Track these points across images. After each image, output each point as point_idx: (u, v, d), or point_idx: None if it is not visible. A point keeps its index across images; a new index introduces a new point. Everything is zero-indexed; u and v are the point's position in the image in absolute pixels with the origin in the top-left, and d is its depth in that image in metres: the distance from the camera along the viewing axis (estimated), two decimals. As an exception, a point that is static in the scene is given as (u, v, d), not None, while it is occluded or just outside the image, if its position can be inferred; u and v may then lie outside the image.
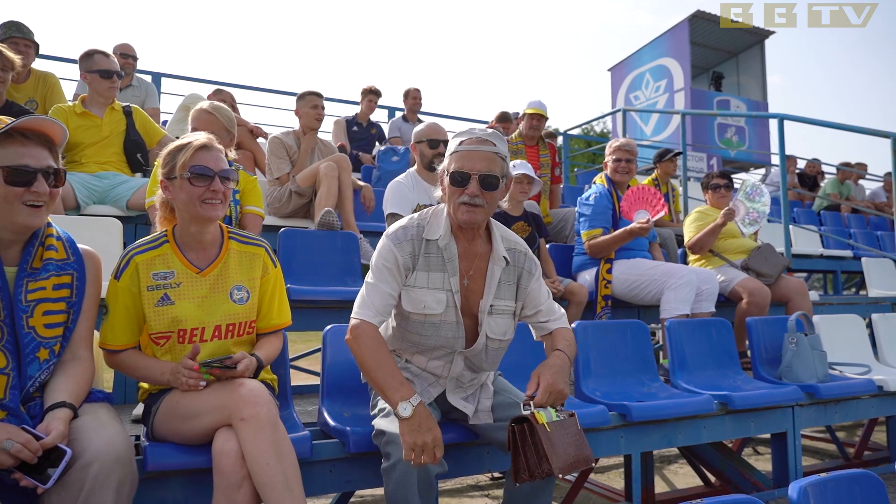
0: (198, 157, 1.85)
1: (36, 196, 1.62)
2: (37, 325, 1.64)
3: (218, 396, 1.67)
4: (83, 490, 1.45)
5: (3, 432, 1.42)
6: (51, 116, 1.85)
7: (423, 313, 1.92)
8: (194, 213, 1.85)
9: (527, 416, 1.73)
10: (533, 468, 1.71)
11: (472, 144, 1.87)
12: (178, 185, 1.84)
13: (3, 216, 1.61)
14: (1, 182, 1.59)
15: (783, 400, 2.90)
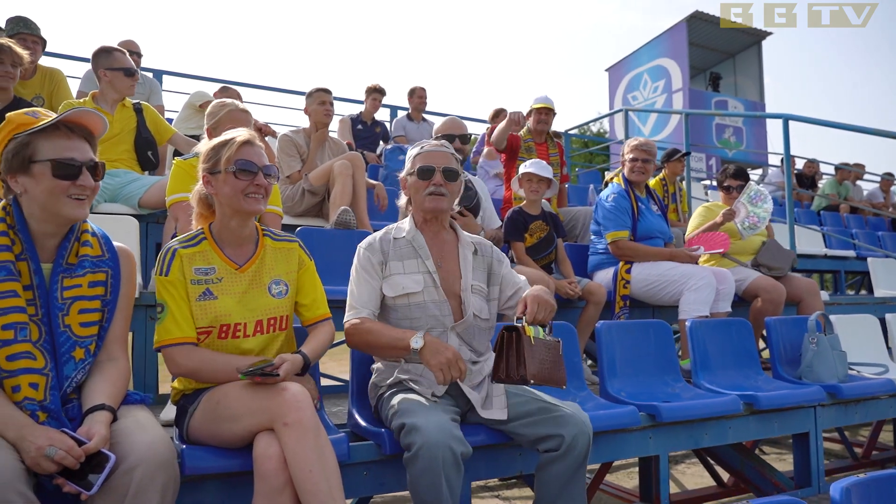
0: (242, 152, 1.85)
1: (81, 189, 1.61)
2: (72, 323, 1.60)
3: (259, 400, 1.63)
4: (127, 495, 1.42)
5: (45, 438, 1.38)
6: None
7: (404, 294, 2.09)
8: (237, 206, 1.84)
9: (517, 327, 1.89)
10: (511, 372, 1.87)
11: (432, 147, 2.22)
12: (223, 179, 1.84)
13: (48, 209, 1.59)
14: (48, 175, 1.57)
15: (806, 400, 2.89)
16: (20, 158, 1.57)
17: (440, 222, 2.23)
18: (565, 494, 1.92)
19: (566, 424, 1.91)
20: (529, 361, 1.84)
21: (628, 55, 13.33)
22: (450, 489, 1.70)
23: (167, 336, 1.78)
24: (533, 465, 2.27)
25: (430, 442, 1.69)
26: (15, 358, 1.50)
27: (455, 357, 1.87)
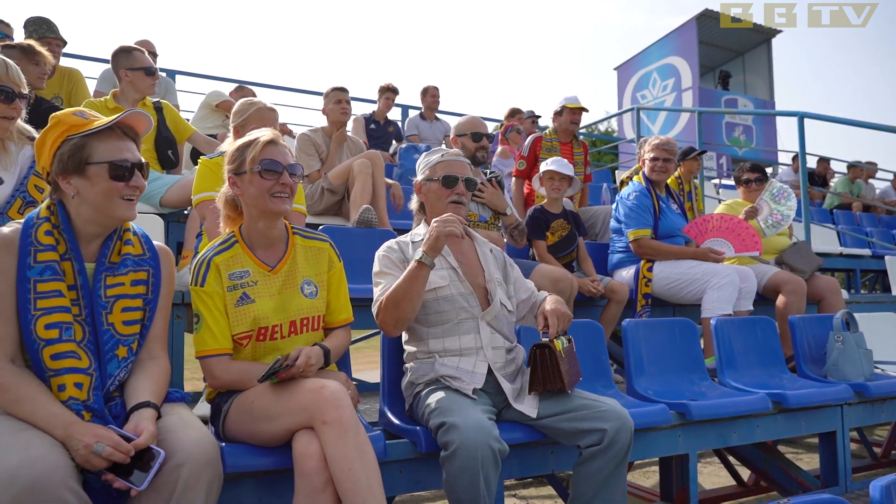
0: (267, 152, 1.84)
1: (133, 190, 1.62)
2: (116, 321, 1.60)
3: (298, 398, 1.63)
4: (175, 492, 1.42)
5: (92, 435, 1.38)
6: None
7: (432, 289, 2.10)
8: (263, 206, 1.84)
9: (547, 343, 2.01)
10: (547, 385, 2.01)
11: (452, 157, 2.31)
12: (248, 179, 1.83)
13: (101, 210, 1.60)
14: (105, 177, 1.58)
15: (834, 398, 2.87)
16: (76, 160, 1.57)
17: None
18: (605, 491, 1.91)
19: (608, 419, 1.91)
20: (564, 374, 1.99)
21: (637, 54, 13.30)
22: (487, 488, 1.70)
23: (203, 347, 1.79)
24: (564, 463, 2.28)
25: (468, 441, 1.69)
26: (59, 357, 1.50)
27: (446, 218, 2.00)
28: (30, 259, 1.53)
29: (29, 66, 3.31)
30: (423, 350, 2.13)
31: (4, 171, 2.18)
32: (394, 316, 2.02)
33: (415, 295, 2.00)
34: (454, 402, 1.88)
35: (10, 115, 2.12)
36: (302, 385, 1.66)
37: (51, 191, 1.65)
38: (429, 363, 2.09)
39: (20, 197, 2.21)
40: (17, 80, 2.13)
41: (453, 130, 3.47)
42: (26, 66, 3.31)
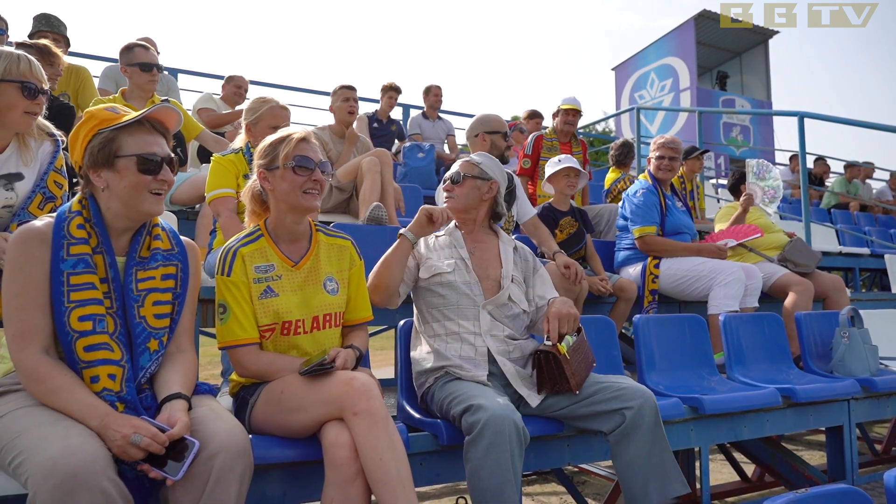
0: (300, 148, 1.87)
1: (161, 184, 1.63)
2: (147, 315, 1.62)
3: (328, 390, 1.65)
4: (209, 482, 1.43)
5: (129, 426, 1.40)
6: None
7: (437, 273, 2.21)
8: (295, 202, 1.85)
9: (548, 349, 2.02)
10: (556, 387, 2.05)
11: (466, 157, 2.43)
12: (280, 175, 1.85)
13: (129, 204, 1.61)
14: (133, 170, 1.59)
15: (841, 393, 2.91)
16: (105, 153, 1.59)
17: (474, 222, 2.38)
18: (653, 471, 1.92)
19: (629, 398, 1.95)
20: (570, 377, 2.02)
21: (635, 54, 13.36)
22: (514, 470, 1.71)
23: (231, 337, 1.80)
24: (581, 456, 2.31)
25: (495, 418, 1.71)
26: (93, 349, 1.51)
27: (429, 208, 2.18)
28: (63, 252, 1.54)
29: (44, 66, 3.31)
30: (429, 333, 2.20)
31: (25, 167, 2.19)
32: (374, 282, 2.19)
33: (393, 263, 2.19)
34: (474, 389, 1.91)
35: (34, 111, 2.13)
36: (332, 377, 1.68)
37: (82, 185, 1.66)
38: (433, 354, 2.12)
39: (40, 192, 2.22)
40: (39, 76, 2.14)
41: (482, 126, 3.44)
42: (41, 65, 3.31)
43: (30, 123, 2.15)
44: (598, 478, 3.93)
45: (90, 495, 1.25)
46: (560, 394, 2.07)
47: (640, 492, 1.94)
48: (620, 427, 1.94)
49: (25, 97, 2.08)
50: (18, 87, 2.05)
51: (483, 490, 1.72)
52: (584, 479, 3.96)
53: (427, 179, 5.56)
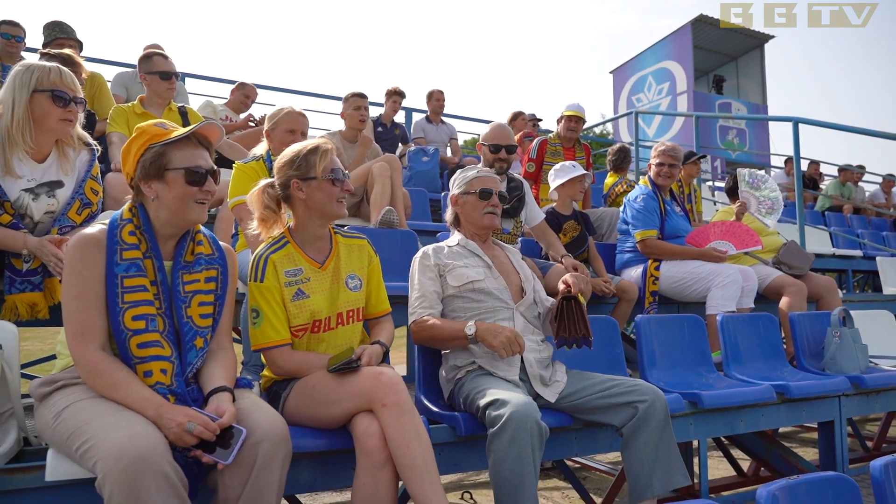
0: (334, 161, 2.01)
1: (206, 195, 1.76)
2: (193, 314, 1.75)
3: (358, 384, 1.78)
4: (255, 467, 1.57)
5: (184, 415, 1.53)
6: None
7: (469, 282, 2.32)
8: (329, 211, 2.00)
9: (573, 295, 2.25)
10: (572, 332, 2.22)
11: (487, 173, 2.55)
12: (317, 185, 1.98)
13: (176, 213, 1.74)
14: (181, 182, 1.72)
15: (833, 390, 3.06)
16: (156, 166, 1.72)
17: (487, 235, 2.54)
18: (659, 465, 2.06)
19: (641, 393, 2.10)
20: (587, 322, 2.24)
21: (633, 57, 13.52)
22: (533, 463, 1.85)
23: (265, 339, 1.94)
24: (588, 447, 2.45)
25: (518, 413, 1.83)
26: (145, 346, 1.64)
27: (513, 334, 2.11)
28: (117, 257, 1.68)
29: None
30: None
31: (65, 176, 2.32)
32: (425, 342, 2.33)
33: (445, 346, 2.30)
34: (500, 385, 2.05)
35: (68, 118, 2.23)
36: (361, 372, 1.82)
37: (132, 195, 1.80)
38: (468, 352, 2.25)
39: (78, 199, 2.35)
40: (71, 85, 2.25)
41: (481, 137, 3.60)
42: None
43: (66, 130, 2.26)
44: (599, 473, 4.08)
45: (154, 477, 1.39)
46: (576, 342, 2.24)
47: (646, 481, 2.08)
48: (633, 420, 2.08)
49: (58, 105, 2.19)
50: (49, 95, 2.17)
51: (504, 480, 1.84)
52: (584, 474, 4.10)
53: (432, 183, 5.70)
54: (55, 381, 1.65)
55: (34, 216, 2.23)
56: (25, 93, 2.12)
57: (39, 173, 2.25)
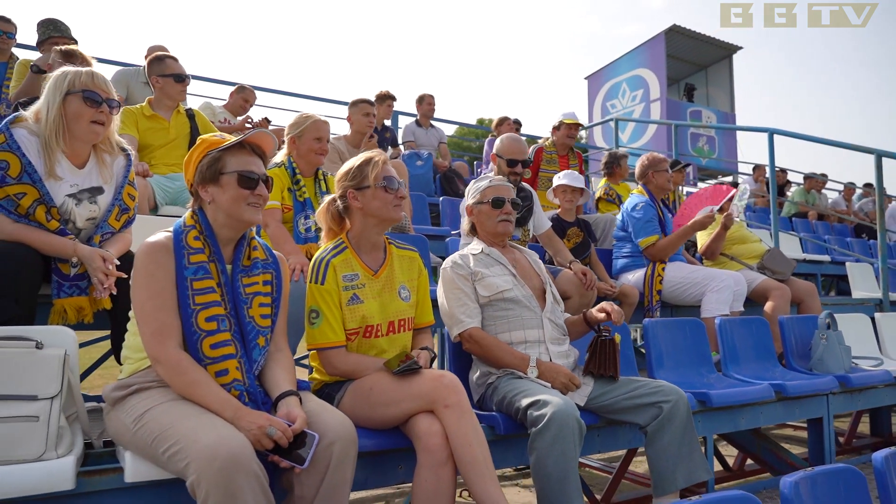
0: (385, 170, 2.10)
1: (258, 198, 1.83)
2: (255, 315, 1.83)
3: (419, 386, 1.88)
4: (329, 467, 1.65)
5: (264, 419, 1.61)
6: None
7: (499, 291, 2.41)
8: (387, 216, 2.11)
9: (611, 337, 2.40)
10: (601, 370, 2.39)
11: (499, 182, 2.66)
12: (371, 193, 2.09)
13: (231, 214, 1.81)
14: (234, 185, 1.79)
15: (822, 388, 3.28)
16: (213, 171, 1.80)
17: (504, 241, 2.65)
18: (682, 462, 2.20)
19: (666, 394, 2.25)
20: (618, 364, 2.40)
21: (608, 64, 13.85)
22: (574, 459, 1.97)
23: (323, 340, 2.02)
24: (609, 444, 2.59)
25: (560, 413, 1.95)
26: (218, 346, 1.71)
27: (567, 376, 2.29)
28: (185, 261, 1.74)
29: None
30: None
31: (105, 182, 2.34)
32: (479, 355, 2.42)
33: (500, 364, 2.35)
34: (536, 387, 2.16)
35: (99, 120, 2.22)
36: (421, 375, 1.91)
37: (193, 201, 1.87)
38: None
39: (117, 205, 2.37)
40: (103, 86, 2.25)
41: (494, 148, 3.72)
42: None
43: (98, 133, 2.24)
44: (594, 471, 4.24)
45: (246, 477, 1.46)
46: (602, 378, 2.39)
47: (670, 476, 2.23)
48: (658, 419, 2.23)
49: (89, 106, 2.20)
50: (80, 96, 2.18)
51: (548, 476, 1.96)
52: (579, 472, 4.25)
53: (426, 186, 5.80)
54: (129, 386, 1.70)
55: (77, 222, 2.25)
56: (59, 95, 2.15)
57: (80, 179, 2.27)
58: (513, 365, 2.31)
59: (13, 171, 2.07)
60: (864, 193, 10.57)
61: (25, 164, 2.09)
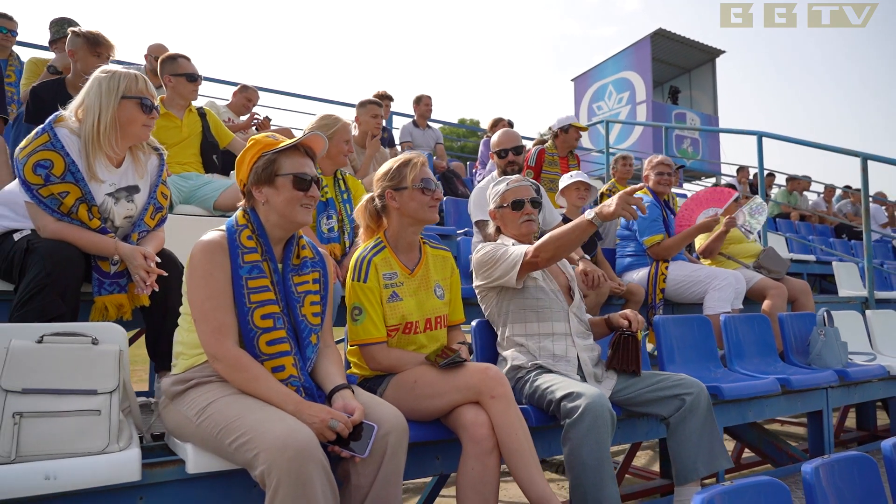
0: (423, 172, 2.16)
1: (311, 199, 1.88)
2: (307, 313, 1.88)
3: (465, 378, 1.95)
4: (385, 456, 1.72)
5: (324, 412, 1.66)
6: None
7: (533, 278, 2.50)
8: (422, 216, 2.17)
9: (633, 332, 2.49)
10: (624, 366, 2.48)
11: (516, 183, 2.65)
12: (409, 195, 2.15)
13: (284, 215, 1.86)
14: (289, 186, 1.84)
15: (823, 382, 3.41)
16: (268, 173, 1.84)
17: (530, 240, 2.67)
18: (703, 450, 2.29)
19: (687, 386, 2.34)
20: (640, 360, 2.50)
21: (594, 66, 14.05)
22: (608, 448, 2.05)
23: (367, 336, 2.08)
24: (627, 436, 2.69)
25: (594, 404, 2.03)
26: (274, 343, 1.76)
27: (622, 196, 2.27)
28: (240, 260, 1.79)
29: (90, 58, 3.39)
30: (520, 332, 2.47)
31: (140, 180, 2.37)
32: (550, 253, 2.37)
33: (575, 242, 2.36)
34: (568, 380, 2.24)
35: (150, 124, 2.30)
36: (466, 368, 1.98)
37: (244, 201, 1.91)
38: (525, 350, 2.44)
39: (152, 203, 2.40)
40: (153, 92, 2.32)
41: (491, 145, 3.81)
42: (87, 57, 3.40)
43: (147, 135, 2.33)
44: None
45: (315, 466, 1.52)
46: (624, 374, 2.48)
47: (691, 465, 2.33)
48: (680, 410, 2.32)
49: (142, 112, 2.26)
50: (138, 103, 2.24)
51: (583, 465, 2.03)
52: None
53: (427, 187, 5.84)
54: (188, 380, 1.75)
55: (115, 220, 2.28)
56: (114, 99, 2.17)
57: (117, 178, 2.29)
58: (578, 228, 2.31)
59: (57, 170, 2.10)
60: (843, 195, 10.90)
61: (69, 164, 2.11)
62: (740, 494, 1.55)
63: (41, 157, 2.08)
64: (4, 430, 1.54)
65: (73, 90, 3.41)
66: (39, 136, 2.12)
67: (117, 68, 2.27)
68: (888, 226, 10.20)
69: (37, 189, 2.09)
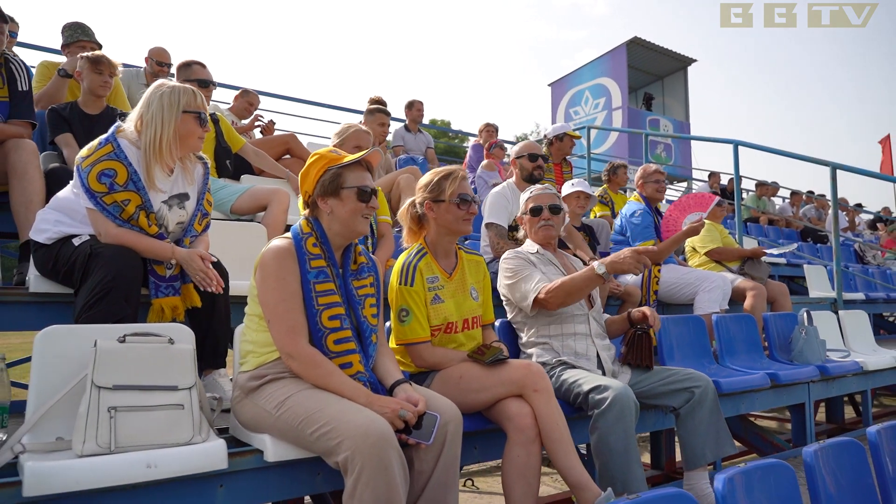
0: (462, 187, 2.33)
1: (371, 210, 2.04)
2: (367, 314, 2.04)
3: (509, 373, 2.14)
4: (445, 444, 1.89)
5: (394, 403, 1.83)
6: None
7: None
8: (457, 229, 2.34)
9: (647, 329, 2.69)
10: (638, 361, 2.67)
11: (538, 191, 2.88)
12: (446, 208, 2.32)
13: (347, 225, 2.01)
14: (354, 198, 1.99)
15: (806, 377, 3.70)
16: (334, 185, 1.99)
17: (552, 245, 2.88)
18: (711, 438, 2.52)
19: (696, 380, 2.56)
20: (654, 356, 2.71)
21: (571, 72, 14.41)
22: (633, 436, 2.26)
23: (414, 336, 2.25)
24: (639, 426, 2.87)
25: (620, 395, 2.23)
26: (341, 342, 1.92)
27: (633, 254, 2.48)
28: (307, 265, 1.94)
29: (92, 75, 3.48)
30: (544, 333, 2.66)
31: (190, 188, 2.49)
32: (560, 300, 2.56)
33: (584, 291, 2.57)
34: (592, 375, 2.44)
35: (203, 137, 2.44)
36: (509, 364, 2.17)
37: (308, 210, 2.06)
38: (554, 350, 2.63)
39: (199, 211, 2.52)
40: (205, 105, 2.45)
41: (513, 153, 3.99)
42: (90, 74, 3.48)
43: (200, 146, 2.47)
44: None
45: (393, 451, 1.69)
46: (639, 368, 2.69)
47: (700, 452, 2.56)
48: (689, 402, 2.55)
49: (200, 126, 2.40)
50: (196, 117, 2.37)
51: (611, 451, 2.22)
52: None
53: (422, 191, 6.02)
54: (263, 376, 1.89)
55: (169, 226, 2.40)
56: (175, 113, 2.29)
57: (169, 186, 2.41)
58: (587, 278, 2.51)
59: (120, 178, 2.21)
60: (807, 200, 11.45)
61: (131, 173, 2.23)
62: (754, 474, 1.77)
63: (105, 167, 2.20)
64: (102, 424, 1.66)
65: (85, 107, 3.50)
66: (103, 146, 2.23)
67: (175, 83, 2.39)
68: (848, 230, 10.78)
69: (101, 196, 2.20)
